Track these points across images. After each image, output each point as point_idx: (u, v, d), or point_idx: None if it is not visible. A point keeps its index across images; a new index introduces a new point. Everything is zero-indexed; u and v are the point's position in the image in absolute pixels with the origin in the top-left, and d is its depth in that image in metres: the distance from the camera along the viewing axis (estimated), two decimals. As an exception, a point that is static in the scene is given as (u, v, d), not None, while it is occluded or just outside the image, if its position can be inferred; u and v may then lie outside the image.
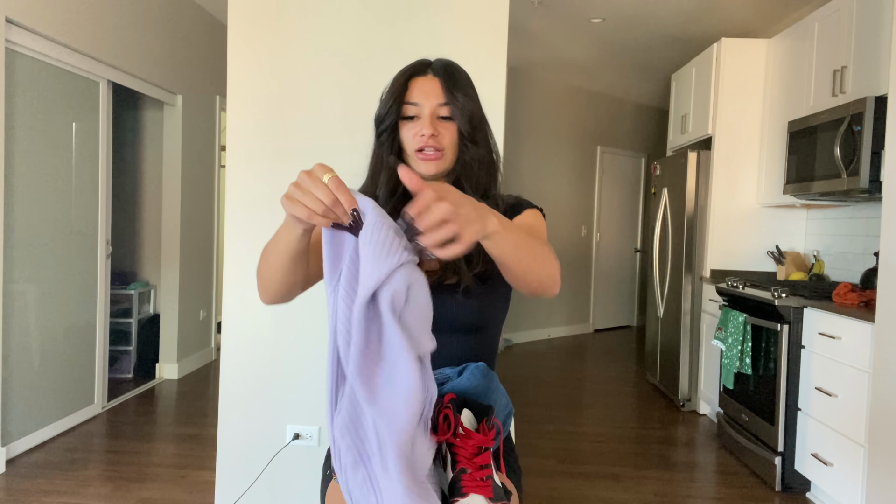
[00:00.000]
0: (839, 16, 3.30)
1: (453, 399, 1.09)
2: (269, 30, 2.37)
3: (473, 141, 1.25)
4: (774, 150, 3.98)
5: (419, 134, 1.22)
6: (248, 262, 2.41)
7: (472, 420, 1.10)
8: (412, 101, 1.22)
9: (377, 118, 1.27)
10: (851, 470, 2.65)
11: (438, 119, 1.23)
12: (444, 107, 1.22)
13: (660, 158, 5.13)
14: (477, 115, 1.25)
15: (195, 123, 4.93)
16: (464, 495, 1.01)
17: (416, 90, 1.23)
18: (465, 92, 1.24)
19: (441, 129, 1.22)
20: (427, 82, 1.23)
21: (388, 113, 1.24)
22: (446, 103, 1.22)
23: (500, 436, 1.15)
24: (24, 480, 2.93)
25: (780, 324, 3.08)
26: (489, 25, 2.35)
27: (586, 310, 7.38)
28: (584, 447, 3.60)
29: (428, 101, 1.22)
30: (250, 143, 2.39)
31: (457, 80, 1.24)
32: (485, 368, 1.19)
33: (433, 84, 1.23)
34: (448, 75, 1.24)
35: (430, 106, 1.22)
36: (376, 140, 1.29)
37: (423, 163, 1.23)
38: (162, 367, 4.76)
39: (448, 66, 1.26)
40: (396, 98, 1.23)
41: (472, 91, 1.26)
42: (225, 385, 2.44)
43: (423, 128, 1.21)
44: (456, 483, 1.03)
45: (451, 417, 1.05)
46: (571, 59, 6.10)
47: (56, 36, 3.36)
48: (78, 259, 3.72)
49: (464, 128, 1.23)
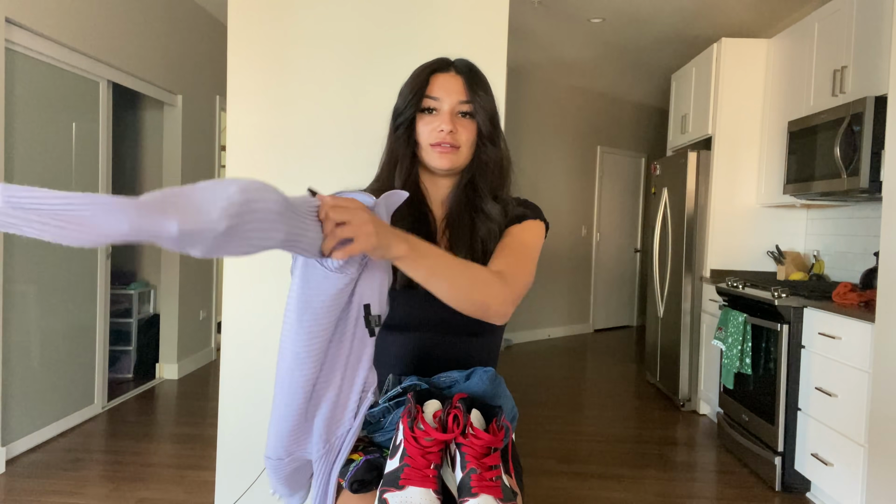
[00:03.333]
0: (839, 16, 3.30)
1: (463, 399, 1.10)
2: (269, 30, 2.36)
3: (492, 141, 1.26)
4: (774, 150, 3.98)
5: (437, 129, 1.22)
6: (249, 262, 2.41)
7: (482, 420, 1.10)
8: (433, 95, 1.23)
9: (395, 111, 1.27)
10: (851, 470, 2.65)
11: (457, 116, 1.24)
12: (466, 104, 1.23)
13: (660, 158, 5.13)
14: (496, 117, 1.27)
15: (195, 123, 4.92)
16: (474, 496, 1.01)
17: (437, 85, 1.24)
18: (486, 92, 1.26)
19: (459, 125, 1.23)
20: (449, 79, 1.24)
21: (407, 106, 1.24)
22: (468, 101, 1.23)
23: (510, 436, 1.15)
24: (24, 480, 2.93)
25: (780, 324, 3.08)
26: (489, 26, 2.34)
27: (586, 310, 7.38)
28: (584, 447, 3.60)
29: (449, 97, 1.23)
30: (250, 143, 2.39)
31: (480, 80, 1.26)
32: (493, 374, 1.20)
33: (455, 81, 1.24)
34: (472, 74, 1.26)
35: (450, 102, 1.23)
36: (392, 133, 1.28)
37: (438, 156, 1.23)
38: (162, 367, 4.76)
39: (471, 67, 1.28)
40: (416, 92, 1.23)
41: (491, 94, 1.28)
42: (225, 385, 2.44)
43: (442, 122, 1.22)
44: (466, 483, 1.03)
45: (461, 417, 1.05)
46: (571, 59, 6.10)
47: (56, 36, 3.36)
48: (78, 259, 3.72)
49: (484, 127, 1.25)
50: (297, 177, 2.39)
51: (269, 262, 2.39)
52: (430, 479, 1.03)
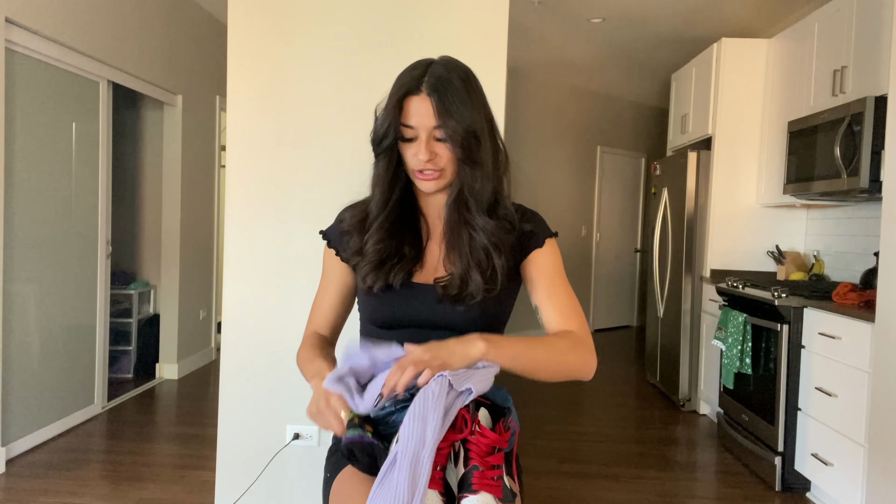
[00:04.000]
0: (839, 16, 3.30)
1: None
2: (269, 30, 2.36)
3: (470, 161, 1.22)
4: (774, 150, 3.98)
5: (416, 156, 1.21)
6: (249, 262, 2.41)
7: (489, 419, 1.11)
8: (408, 123, 1.20)
9: (374, 140, 1.25)
10: (851, 470, 2.65)
11: (435, 140, 1.21)
12: (438, 129, 1.20)
13: (660, 158, 5.13)
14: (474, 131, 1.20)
15: (195, 123, 4.92)
16: (474, 492, 1.01)
17: (410, 112, 1.20)
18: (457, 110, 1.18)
19: (438, 149, 1.21)
20: (420, 103, 1.19)
21: (385, 135, 1.23)
22: (438, 126, 1.19)
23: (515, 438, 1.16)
24: (24, 480, 2.93)
25: (780, 324, 3.08)
26: (489, 26, 2.34)
27: (586, 310, 7.38)
28: (584, 447, 3.60)
29: (422, 124, 1.19)
30: (250, 143, 2.39)
31: (449, 99, 1.18)
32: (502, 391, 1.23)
33: (425, 105, 1.19)
34: (440, 94, 1.18)
35: (425, 128, 1.20)
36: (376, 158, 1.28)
37: (424, 182, 1.24)
38: (162, 367, 4.76)
39: (440, 82, 1.19)
40: (392, 121, 1.21)
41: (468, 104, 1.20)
42: (225, 385, 2.44)
43: (419, 151, 1.20)
44: (466, 479, 1.03)
45: (468, 416, 1.06)
46: (571, 59, 6.10)
47: (56, 36, 3.36)
48: (78, 259, 3.72)
49: (458, 153, 1.21)
50: (297, 177, 2.39)
51: (269, 262, 2.39)
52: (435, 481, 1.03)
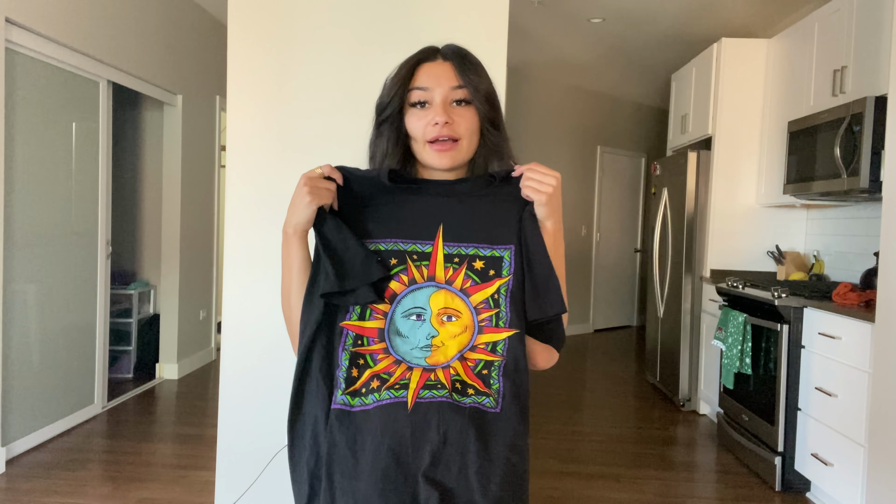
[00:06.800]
0: (839, 16, 3.29)
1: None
2: (269, 30, 2.36)
3: (495, 125, 1.13)
4: (774, 150, 3.98)
5: (431, 123, 1.09)
6: (249, 262, 2.41)
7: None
8: (421, 85, 1.10)
9: (379, 105, 1.14)
10: (851, 470, 2.65)
11: (452, 105, 1.10)
12: (459, 90, 1.10)
13: (660, 158, 5.13)
14: (495, 100, 1.14)
15: (195, 123, 4.93)
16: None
17: (424, 74, 1.10)
18: (480, 74, 1.13)
19: (456, 115, 1.10)
20: (437, 66, 1.11)
21: (391, 100, 1.11)
22: (461, 86, 1.09)
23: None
24: (24, 480, 2.93)
25: (780, 324, 3.08)
26: (489, 25, 2.34)
27: (586, 310, 7.38)
28: (584, 447, 3.60)
29: (440, 86, 1.09)
30: (250, 143, 2.39)
31: (471, 63, 1.13)
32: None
33: (444, 68, 1.11)
34: (461, 58, 1.13)
35: (441, 91, 1.09)
36: (376, 129, 1.17)
37: (437, 154, 1.10)
38: (162, 367, 4.76)
39: (459, 50, 1.14)
40: (402, 83, 1.11)
41: (486, 76, 1.15)
42: (225, 385, 2.44)
43: (436, 115, 1.08)
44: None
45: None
46: (571, 59, 6.09)
47: (56, 36, 3.36)
48: (78, 259, 3.72)
49: (484, 110, 1.11)
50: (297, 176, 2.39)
51: (269, 262, 2.39)
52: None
